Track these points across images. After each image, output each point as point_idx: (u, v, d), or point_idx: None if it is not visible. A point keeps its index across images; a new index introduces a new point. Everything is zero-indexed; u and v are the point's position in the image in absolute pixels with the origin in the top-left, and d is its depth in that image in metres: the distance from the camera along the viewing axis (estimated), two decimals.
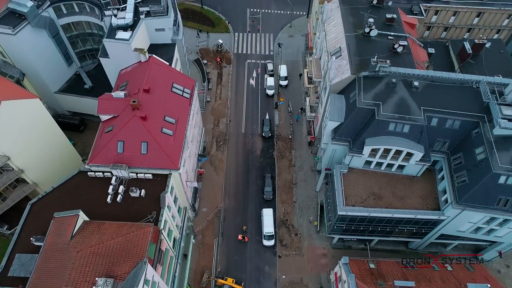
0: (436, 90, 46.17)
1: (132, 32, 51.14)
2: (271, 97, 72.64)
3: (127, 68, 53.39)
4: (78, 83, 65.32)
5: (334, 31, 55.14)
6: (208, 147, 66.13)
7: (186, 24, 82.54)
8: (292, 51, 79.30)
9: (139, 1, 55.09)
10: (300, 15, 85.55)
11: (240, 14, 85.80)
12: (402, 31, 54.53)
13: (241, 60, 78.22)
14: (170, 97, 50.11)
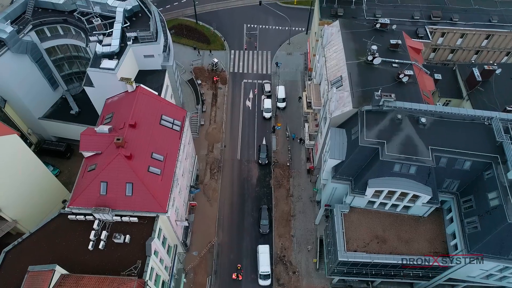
0: (444, 127, 42.70)
1: (118, 61, 47.70)
2: (268, 120, 69.20)
3: (113, 98, 49.95)
4: (64, 108, 61.88)
5: (335, 57, 51.68)
6: (201, 175, 62.66)
7: (180, 41, 79.21)
8: (291, 70, 75.85)
9: (126, 25, 51.67)
10: (299, 31, 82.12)
11: (237, 30, 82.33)
12: (407, 58, 51.06)
13: (237, 80, 74.76)
14: (158, 131, 46.66)
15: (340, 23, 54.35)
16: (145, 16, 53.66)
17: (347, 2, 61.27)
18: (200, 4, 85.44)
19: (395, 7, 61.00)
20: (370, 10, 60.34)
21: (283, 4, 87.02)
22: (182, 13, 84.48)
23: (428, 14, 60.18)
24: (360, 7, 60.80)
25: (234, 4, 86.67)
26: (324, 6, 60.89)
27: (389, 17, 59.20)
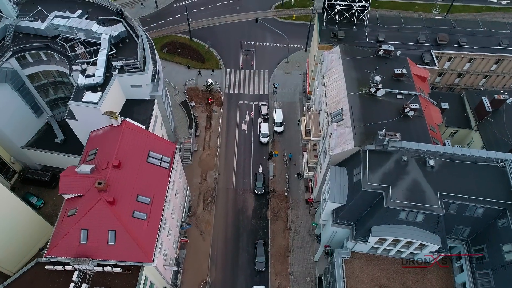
0: (454, 170, 39.30)
1: (102, 94, 44.29)
2: (265, 145, 65.81)
3: (98, 131, 46.57)
4: (49, 135, 58.49)
5: (335, 87, 48.32)
6: (194, 206, 59.27)
7: (173, 59, 75.89)
8: (289, 91, 72.48)
9: (112, 53, 48.27)
10: (298, 48, 78.76)
11: (233, 47, 78.97)
12: (413, 88, 47.73)
13: (233, 101, 71.39)
14: (145, 169, 43.29)
15: (341, 49, 50.99)
16: (133, 42, 50.25)
17: (348, 24, 57.95)
18: (195, 20, 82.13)
19: (399, 29, 57.66)
20: (373, 33, 57.00)
21: (281, 19, 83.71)
22: (176, 29, 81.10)
23: (434, 37, 56.83)
24: (362, 30, 57.47)
25: (230, 19, 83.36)
26: (324, 28, 57.53)
27: (392, 40, 56.17)
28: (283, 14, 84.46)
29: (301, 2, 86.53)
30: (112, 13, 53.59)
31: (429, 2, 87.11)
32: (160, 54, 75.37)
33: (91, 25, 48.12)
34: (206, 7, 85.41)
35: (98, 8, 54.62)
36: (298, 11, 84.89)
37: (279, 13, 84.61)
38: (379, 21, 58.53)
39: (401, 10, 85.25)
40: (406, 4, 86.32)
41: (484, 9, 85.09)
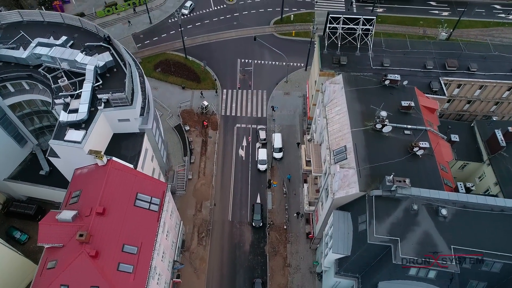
0: (469, 220, 35.98)
1: (86, 131, 40.88)
2: (263, 172, 62.44)
3: (83, 169, 43.30)
4: (34, 166, 55.08)
5: (338, 121, 44.97)
6: (187, 240, 55.89)
7: (167, 79, 72.47)
8: (289, 113, 69.10)
9: (98, 84, 44.92)
10: (298, 67, 75.39)
11: (229, 65, 75.58)
12: (421, 122, 44.43)
13: (230, 125, 68.01)
14: (132, 214, 40.01)
15: (344, 78, 47.65)
16: (121, 71, 46.91)
17: (351, 48, 54.60)
18: (191, 36, 78.75)
19: (405, 54, 54.31)
20: (377, 58, 53.67)
21: (280, 35, 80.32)
22: (170, 46, 77.69)
23: (443, 62, 53.49)
24: (365, 54, 54.14)
25: (227, 36, 79.96)
26: (325, 53, 54.17)
27: (398, 66, 52.90)
28: (282, 30, 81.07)
29: (300, 18, 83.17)
30: (99, 39, 50.34)
31: (434, 17, 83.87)
32: (153, 74, 72.47)
33: (75, 55, 44.73)
34: (202, 22, 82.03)
35: (85, 33, 51.37)
36: (297, 26, 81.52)
37: (278, 28, 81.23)
38: (384, 45, 55.16)
39: (405, 25, 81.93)
40: (410, 19, 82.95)
41: (491, 24, 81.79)
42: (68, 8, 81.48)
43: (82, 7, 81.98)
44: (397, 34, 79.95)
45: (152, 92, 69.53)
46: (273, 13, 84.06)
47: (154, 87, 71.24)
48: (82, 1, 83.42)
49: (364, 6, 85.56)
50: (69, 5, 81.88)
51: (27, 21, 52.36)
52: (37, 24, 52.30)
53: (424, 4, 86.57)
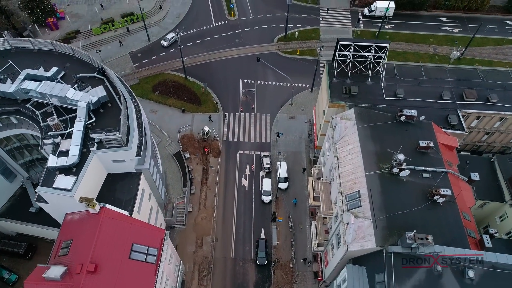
0: (499, 283, 32.57)
1: (77, 177, 37.50)
2: (267, 204, 59.04)
3: (74, 215, 39.89)
4: (23, 201, 51.72)
5: (350, 161, 41.56)
6: (187, 280, 52.48)
7: (166, 101, 69.07)
8: (294, 139, 65.68)
9: (91, 122, 41.54)
10: (303, 88, 71.99)
11: (231, 87, 72.16)
12: (441, 163, 41.04)
13: (232, 151, 64.59)
14: (127, 269, 36.61)
15: (356, 113, 44.24)
16: (116, 106, 43.53)
17: (362, 76, 51.20)
18: (191, 55, 75.36)
19: (419, 83, 50.92)
20: (390, 88, 50.27)
21: (284, 54, 76.91)
22: (169, 66, 74.29)
23: (460, 93, 50.10)
24: (377, 83, 50.75)
25: (229, 54, 76.55)
26: (335, 82, 50.74)
27: (412, 97, 49.54)
28: (286, 48, 77.68)
29: (305, 35, 79.77)
30: (92, 69, 46.96)
31: (445, 34, 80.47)
32: (151, 96, 69.22)
33: (66, 90, 41.32)
34: (203, 40, 78.62)
35: (77, 63, 48.04)
36: (302, 44, 78.12)
37: (282, 46, 77.83)
38: (397, 73, 51.77)
39: (415, 43, 78.55)
40: (419, 37, 79.56)
41: (504, 42, 78.38)
42: (63, 25, 78.08)
43: (77, 24, 78.56)
44: (406, 53, 76.65)
45: (151, 116, 66.58)
46: (277, 29, 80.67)
47: (152, 111, 67.93)
48: (77, 17, 80.00)
49: (371, 22, 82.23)
50: (63, 22, 78.44)
51: (16, 49, 49.03)
52: (26, 52, 48.96)
53: (434, 20, 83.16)
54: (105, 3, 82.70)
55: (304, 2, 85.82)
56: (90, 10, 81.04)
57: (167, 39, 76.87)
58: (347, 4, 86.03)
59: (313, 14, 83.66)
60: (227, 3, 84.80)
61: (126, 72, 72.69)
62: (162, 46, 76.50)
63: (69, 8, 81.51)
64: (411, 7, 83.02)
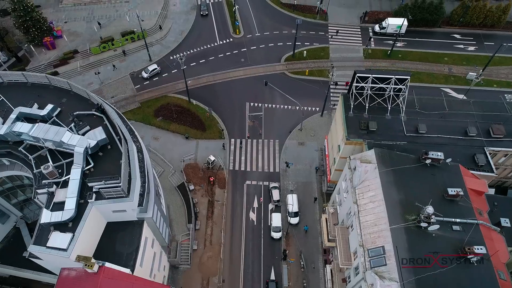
0: None
1: (74, 234, 34.00)
2: (277, 240, 55.50)
3: (71, 271, 36.23)
4: (16, 244, 48.27)
5: (372, 211, 38.07)
6: None
7: (169, 127, 65.57)
8: (304, 168, 62.09)
9: (89, 167, 38.04)
10: (312, 112, 68.39)
11: (237, 110, 68.57)
12: (471, 212, 37.61)
13: (239, 181, 61.05)
14: None
15: (377, 155, 40.78)
16: (116, 148, 40.05)
17: (380, 109, 47.67)
18: (194, 76, 71.82)
19: (442, 116, 47.37)
20: (411, 122, 46.73)
21: (292, 74, 73.35)
22: (172, 88, 70.75)
23: (486, 128, 46.54)
24: (396, 118, 47.22)
25: (234, 75, 73.01)
26: (351, 116, 47.19)
27: (435, 133, 46.16)
28: (295, 68, 74.14)
29: (314, 53, 76.22)
30: (91, 105, 43.51)
31: (460, 52, 76.91)
32: (153, 121, 65.93)
33: (61, 134, 37.79)
34: (207, 59, 75.10)
35: (74, 97, 44.65)
36: (311, 64, 74.58)
37: (290, 66, 74.27)
38: (417, 105, 48.24)
39: (429, 62, 75.04)
40: (433, 55, 76.05)
41: None
42: (60, 44, 74.48)
43: (75, 43, 74.96)
44: (420, 73, 73.11)
45: (153, 143, 63.23)
46: (284, 48, 77.13)
47: (154, 137, 64.43)
48: (75, 35, 76.41)
49: (382, 39, 78.69)
50: (61, 41, 74.83)
51: (8, 82, 45.54)
52: (19, 85, 45.48)
53: (448, 37, 79.64)
54: (104, 20, 79.14)
55: (312, 18, 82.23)
56: (89, 28, 77.46)
57: (148, 71, 70.83)
58: (357, 20, 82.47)
59: (322, 31, 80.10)
60: (232, 20, 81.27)
61: (126, 94, 69.15)
62: (142, 78, 71.21)
63: (67, 25, 77.91)
64: (424, 24, 79.44)
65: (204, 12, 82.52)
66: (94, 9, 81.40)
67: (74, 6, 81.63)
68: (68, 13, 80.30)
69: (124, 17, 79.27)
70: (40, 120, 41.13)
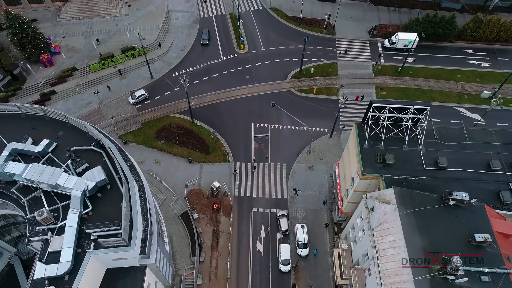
0: None
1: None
2: (286, 274, 52.67)
3: None
4: (10, 282, 45.59)
5: (393, 258, 35.24)
6: None
7: (171, 150, 62.80)
8: (313, 194, 59.25)
9: (87, 211, 35.21)
10: (321, 133, 65.55)
11: (242, 131, 65.72)
12: (500, 260, 34.78)
13: (245, 209, 58.23)
14: None
15: (396, 195, 37.88)
16: (116, 188, 37.25)
17: (397, 140, 44.82)
18: (197, 94, 69.04)
19: (463, 148, 44.53)
20: (430, 154, 43.91)
21: (300, 92, 70.54)
22: (175, 107, 67.92)
23: (511, 161, 43.71)
24: (414, 149, 44.39)
25: (239, 93, 70.22)
26: (366, 147, 44.33)
27: (456, 166, 43.32)
28: (302, 85, 71.32)
29: (321, 70, 73.41)
30: (89, 139, 40.68)
31: (473, 69, 74.12)
32: (155, 143, 63.29)
33: (57, 176, 35.02)
34: (210, 76, 72.29)
35: (72, 130, 41.80)
36: (318, 81, 71.77)
37: (297, 84, 71.45)
38: (436, 135, 45.41)
39: (441, 79, 72.26)
40: (446, 72, 73.25)
41: None
42: (58, 61, 71.65)
43: (73, 59, 72.12)
44: (432, 91, 70.36)
45: (154, 167, 60.58)
46: (290, 64, 74.36)
47: (156, 161, 61.63)
48: (74, 51, 73.56)
49: (393, 55, 75.90)
50: (58, 57, 71.97)
51: (1, 113, 42.69)
52: (13, 117, 42.66)
53: (460, 52, 76.84)
54: (103, 35, 76.33)
55: (319, 32, 79.43)
56: (88, 43, 74.64)
57: (134, 96, 66.67)
58: (365, 34, 79.69)
59: (329, 46, 77.32)
60: (236, 34, 78.44)
61: (127, 115, 66.34)
62: (129, 103, 67.53)
63: (65, 41, 75.05)
64: (435, 39, 76.64)
65: (205, 41, 76.33)
66: (93, 23, 78.53)
67: (72, 20, 78.78)
68: (66, 28, 77.46)
69: (124, 32, 76.41)
70: (35, 156, 38.51)
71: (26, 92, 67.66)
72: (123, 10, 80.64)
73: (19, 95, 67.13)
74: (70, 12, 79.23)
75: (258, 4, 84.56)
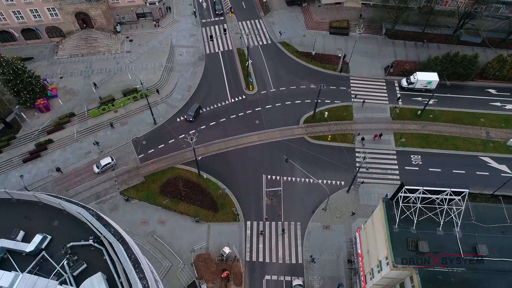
0: None
1: None
2: None
3: None
4: None
5: None
6: None
7: (176, 207, 58.45)
8: (330, 258, 54.81)
9: None
10: (337, 186, 61.08)
11: (253, 185, 61.29)
12: None
13: (257, 276, 53.80)
14: None
15: None
16: None
17: (430, 222, 40.30)
18: (204, 142, 64.57)
19: (504, 231, 40.05)
20: (467, 240, 39.45)
21: (313, 140, 66.04)
22: (180, 158, 63.48)
23: None
24: (449, 233, 39.92)
25: (248, 141, 65.74)
26: (396, 231, 39.85)
27: (498, 255, 39.18)
28: (315, 131, 66.81)
29: (336, 113, 68.94)
30: (87, 229, 36.14)
31: (497, 112, 69.63)
32: (159, 200, 59.42)
33: None
34: (217, 121, 67.80)
35: (68, 219, 37.12)
36: (333, 126, 67.23)
37: (310, 130, 66.93)
38: (473, 216, 40.99)
39: (463, 124, 67.76)
40: (468, 116, 68.76)
41: None
42: (55, 105, 67.18)
43: (71, 103, 67.63)
44: (454, 138, 65.91)
45: (159, 228, 56.69)
46: (302, 106, 69.86)
47: (160, 221, 57.28)
48: (72, 94, 69.04)
49: (411, 96, 71.40)
50: (55, 101, 67.45)
51: None
52: (3, 202, 38.10)
53: (482, 93, 72.36)
54: (104, 74, 71.89)
55: (332, 70, 74.90)
56: (87, 84, 70.18)
57: (100, 165, 60.16)
58: (381, 71, 75.19)
59: (343, 86, 72.81)
60: (244, 72, 73.90)
61: (129, 166, 61.93)
62: (94, 172, 60.86)
63: (62, 81, 70.57)
64: (456, 78, 72.16)
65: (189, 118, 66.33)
66: (92, 61, 74.04)
67: (71, 58, 74.28)
68: (64, 66, 72.95)
69: (125, 71, 71.92)
70: (27, 254, 34.07)
71: (21, 141, 63.24)
72: (124, 46, 76.07)
73: (13, 145, 62.72)
74: (68, 49, 74.70)
75: (267, 38, 79.95)
